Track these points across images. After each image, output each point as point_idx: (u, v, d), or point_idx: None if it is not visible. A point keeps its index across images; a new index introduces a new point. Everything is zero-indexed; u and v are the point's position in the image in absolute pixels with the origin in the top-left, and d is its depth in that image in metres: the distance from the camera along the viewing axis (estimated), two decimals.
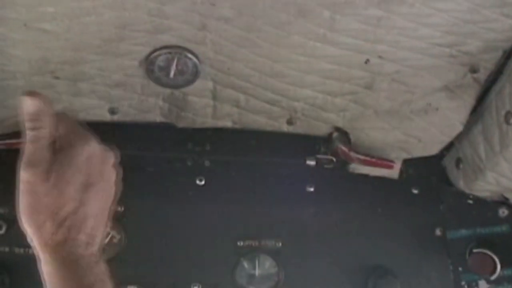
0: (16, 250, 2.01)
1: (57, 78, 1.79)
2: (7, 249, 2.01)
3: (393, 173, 2.14)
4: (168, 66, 1.76)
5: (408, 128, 1.98)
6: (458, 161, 2.11)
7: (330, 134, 2.05)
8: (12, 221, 2.01)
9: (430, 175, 2.23)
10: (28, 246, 1.96)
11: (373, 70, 1.79)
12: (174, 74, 1.78)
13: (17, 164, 2.02)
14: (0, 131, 1.90)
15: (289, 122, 2.01)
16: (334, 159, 2.12)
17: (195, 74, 1.79)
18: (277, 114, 1.97)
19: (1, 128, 1.90)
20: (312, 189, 2.15)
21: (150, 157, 2.11)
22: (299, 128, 2.02)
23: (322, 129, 2.03)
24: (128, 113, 1.94)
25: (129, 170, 2.08)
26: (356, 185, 2.18)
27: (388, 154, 2.07)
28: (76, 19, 1.58)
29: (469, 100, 1.91)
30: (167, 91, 1.87)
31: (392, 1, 1.54)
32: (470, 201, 2.20)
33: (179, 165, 2.12)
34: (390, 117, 1.97)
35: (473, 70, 1.83)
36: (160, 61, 1.75)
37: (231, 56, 1.73)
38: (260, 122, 1.99)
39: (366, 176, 2.16)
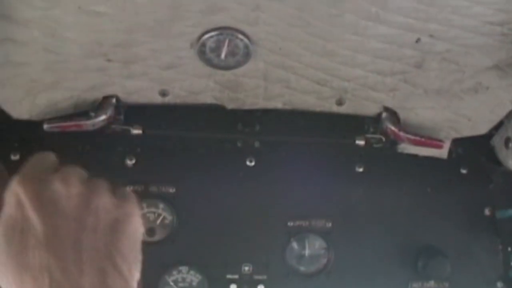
0: None
1: (109, 60, 1.80)
2: None
3: (443, 152, 2.14)
4: (219, 47, 1.76)
5: (458, 107, 1.98)
6: (508, 141, 2.09)
7: (379, 114, 2.04)
8: None
9: (479, 154, 2.23)
10: None
11: (424, 49, 1.78)
12: (226, 55, 1.78)
13: (71, 146, 2.08)
14: (53, 114, 1.92)
15: (339, 102, 2.00)
16: (384, 139, 2.12)
17: (247, 55, 1.79)
18: (327, 94, 1.97)
19: (54, 111, 1.92)
20: (361, 170, 2.16)
21: (200, 139, 2.12)
22: (348, 108, 2.02)
23: (371, 109, 2.03)
24: (179, 95, 1.95)
25: (180, 151, 2.11)
26: (405, 165, 2.18)
27: (438, 134, 2.06)
28: (130, 1, 1.59)
29: None
30: (218, 72, 1.87)
31: None
32: None
33: (229, 146, 2.14)
34: (440, 96, 1.96)
35: None
36: (212, 42, 1.75)
37: (283, 36, 1.73)
38: (310, 102, 2.00)
39: (415, 156, 2.16)
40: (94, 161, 2.04)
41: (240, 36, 1.73)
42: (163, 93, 1.95)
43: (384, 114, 2.04)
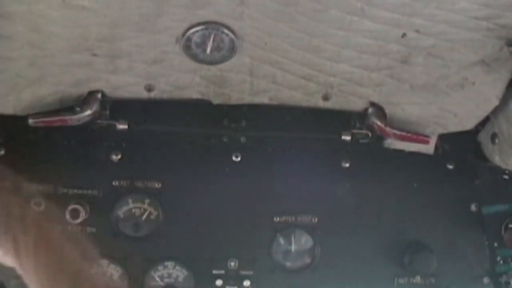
0: None
1: (95, 55, 1.80)
2: None
3: (429, 148, 2.14)
4: (204, 42, 1.76)
5: (444, 102, 1.98)
6: (494, 136, 2.09)
7: (366, 110, 2.04)
8: (50, 198, 2.03)
9: (465, 150, 2.23)
10: (66, 222, 2.01)
11: (410, 44, 1.78)
12: (211, 50, 1.78)
13: (56, 141, 2.07)
14: (39, 109, 1.92)
15: (325, 97, 2.00)
16: (370, 134, 2.12)
17: (232, 50, 1.79)
18: (313, 89, 1.96)
19: (40, 106, 1.91)
20: (347, 165, 2.16)
21: (186, 134, 2.12)
22: (334, 103, 2.01)
23: (357, 105, 2.03)
24: (164, 90, 1.95)
25: (166, 147, 2.11)
26: (391, 160, 2.18)
27: (424, 129, 2.06)
28: None
29: (506, 74, 1.89)
30: (204, 67, 1.87)
31: None
32: (506, 176, 2.20)
33: (215, 141, 2.14)
34: (426, 91, 1.96)
35: (510, 43, 1.81)
36: (197, 37, 1.75)
37: (268, 31, 1.73)
38: (296, 97, 1.99)
39: (401, 151, 2.16)
40: (79, 156, 2.04)
41: (226, 31, 1.73)
42: (149, 88, 1.94)
43: (370, 110, 2.03)
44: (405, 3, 1.62)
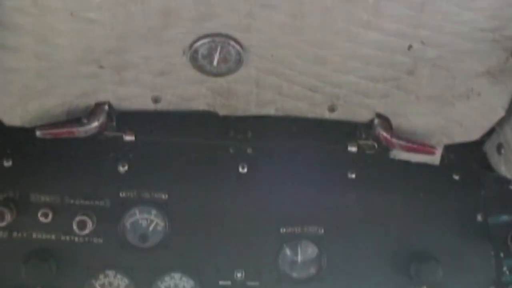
0: (62, 237, 2.04)
1: (101, 67, 1.80)
2: (53, 236, 2.04)
3: (435, 159, 2.14)
4: (211, 54, 1.76)
5: (449, 113, 1.98)
6: (500, 147, 2.10)
7: (372, 120, 2.04)
8: (58, 209, 2.04)
9: (471, 161, 2.23)
10: (73, 233, 2.02)
11: (416, 56, 1.78)
12: (218, 62, 1.78)
13: (63, 153, 2.08)
14: (46, 120, 1.92)
15: (331, 108, 2.00)
16: (376, 145, 2.12)
17: (239, 62, 1.79)
18: (319, 100, 1.96)
19: (47, 118, 1.91)
20: (353, 176, 2.16)
21: (192, 145, 2.13)
22: (340, 114, 2.01)
23: (363, 115, 2.03)
24: (171, 101, 1.95)
25: (172, 158, 2.11)
26: (397, 171, 2.19)
27: (430, 140, 2.06)
28: (122, 8, 1.60)
29: (511, 84, 1.89)
30: (211, 79, 1.87)
31: None
32: None
33: (222, 152, 2.14)
34: (432, 102, 1.96)
35: None
36: (204, 49, 1.75)
37: (275, 43, 1.73)
38: (302, 109, 1.99)
39: (407, 162, 2.16)
40: (86, 168, 2.05)
41: (232, 43, 1.73)
42: (156, 100, 1.95)
43: (376, 120, 2.03)
44: (411, 15, 1.62)
